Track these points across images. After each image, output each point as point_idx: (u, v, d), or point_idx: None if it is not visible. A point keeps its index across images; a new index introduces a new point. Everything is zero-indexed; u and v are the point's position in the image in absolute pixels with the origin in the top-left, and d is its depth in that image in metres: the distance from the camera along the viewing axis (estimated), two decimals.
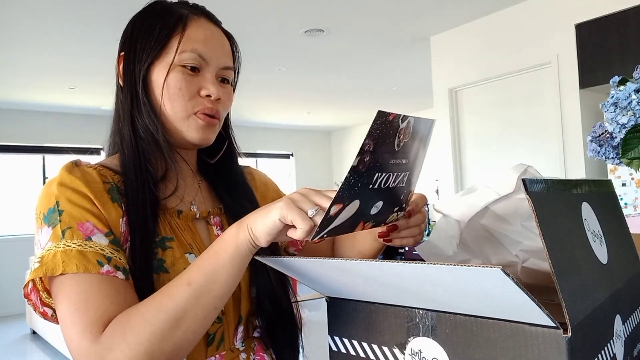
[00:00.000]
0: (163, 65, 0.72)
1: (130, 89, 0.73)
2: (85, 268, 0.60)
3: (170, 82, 0.72)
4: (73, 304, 0.59)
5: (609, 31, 3.02)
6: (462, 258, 0.73)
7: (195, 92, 0.73)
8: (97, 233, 0.63)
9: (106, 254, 0.62)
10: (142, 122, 0.72)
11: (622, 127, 0.85)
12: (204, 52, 0.73)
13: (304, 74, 5.10)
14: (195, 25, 0.74)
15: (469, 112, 3.91)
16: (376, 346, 0.57)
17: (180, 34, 0.72)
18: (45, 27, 3.54)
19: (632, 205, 2.92)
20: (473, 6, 3.54)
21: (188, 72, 0.72)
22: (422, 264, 0.44)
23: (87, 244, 0.62)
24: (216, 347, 0.72)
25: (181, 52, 0.72)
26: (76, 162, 0.71)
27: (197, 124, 0.74)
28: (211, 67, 0.74)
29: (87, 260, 0.60)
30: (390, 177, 0.55)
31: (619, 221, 0.71)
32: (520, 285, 0.40)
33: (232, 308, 0.75)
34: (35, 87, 5.15)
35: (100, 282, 0.60)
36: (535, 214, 0.45)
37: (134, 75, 0.73)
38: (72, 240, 0.61)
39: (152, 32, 0.73)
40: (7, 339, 4.94)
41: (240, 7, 3.34)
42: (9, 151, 6.21)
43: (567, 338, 0.42)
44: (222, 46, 0.76)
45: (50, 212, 0.64)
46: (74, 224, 0.63)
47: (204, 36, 0.74)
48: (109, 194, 0.68)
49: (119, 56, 0.76)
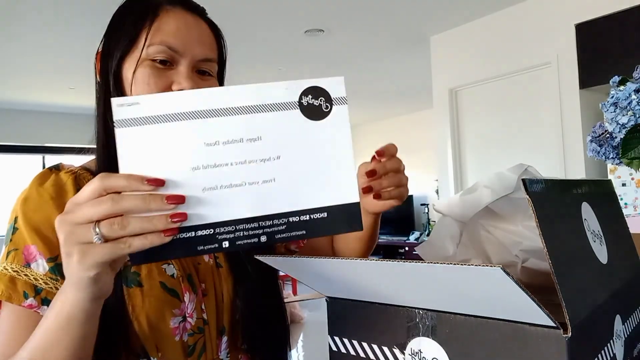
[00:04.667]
0: (132, 60, 0.68)
1: (104, 85, 0.70)
2: (9, 297, 0.59)
3: (139, 77, 0.67)
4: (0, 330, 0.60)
5: (609, 31, 3.02)
6: (462, 258, 0.73)
7: (166, 86, 0.68)
8: (39, 259, 0.61)
9: (38, 285, 0.60)
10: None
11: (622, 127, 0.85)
12: (175, 44, 0.68)
13: (304, 74, 5.10)
14: (167, 15, 0.69)
15: (469, 112, 3.91)
16: (376, 346, 0.57)
17: (149, 25, 0.68)
18: (46, 27, 3.54)
19: (632, 205, 2.92)
20: (473, 6, 3.54)
21: (157, 66, 0.68)
22: (422, 263, 0.44)
23: (23, 271, 0.60)
24: (197, 357, 0.69)
25: (149, 46, 0.67)
26: (57, 166, 0.69)
27: None
28: (185, 59, 0.69)
29: (14, 289, 0.59)
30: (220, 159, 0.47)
31: (619, 221, 0.71)
32: (520, 285, 0.40)
33: (214, 318, 0.71)
34: (35, 87, 5.15)
35: (22, 317, 0.59)
36: (535, 214, 0.45)
37: (107, 71, 0.70)
38: (11, 264, 0.60)
39: (122, 26, 0.69)
40: None
41: (240, 7, 3.33)
42: (9, 151, 6.21)
43: (567, 338, 0.42)
44: (199, 36, 0.71)
45: (9, 229, 0.63)
46: (21, 246, 0.61)
47: (176, 27, 0.69)
48: None
49: (97, 53, 0.73)
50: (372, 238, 0.86)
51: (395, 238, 7.17)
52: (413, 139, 7.51)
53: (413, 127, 7.51)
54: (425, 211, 6.96)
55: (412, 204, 7.12)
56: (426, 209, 6.95)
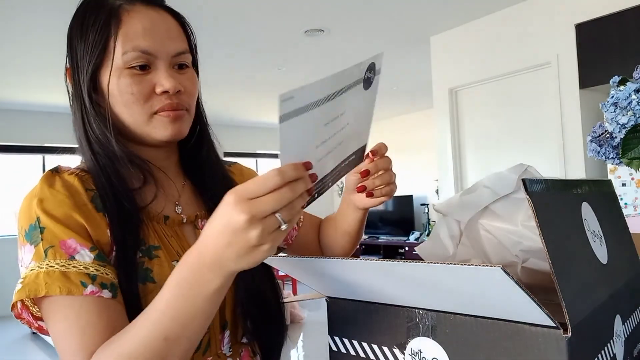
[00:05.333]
0: (108, 71, 0.66)
1: (77, 98, 0.69)
2: (69, 290, 0.58)
3: (122, 88, 0.66)
4: (59, 329, 0.59)
5: (609, 31, 3.02)
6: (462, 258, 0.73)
7: (150, 91, 0.68)
8: (81, 250, 0.61)
9: (91, 273, 0.60)
10: (94, 135, 0.68)
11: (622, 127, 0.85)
12: (148, 47, 0.66)
13: (304, 74, 5.10)
14: (130, 17, 0.67)
15: (469, 112, 3.91)
16: (376, 346, 0.57)
17: (115, 32, 0.66)
18: (46, 27, 3.54)
19: (632, 205, 2.92)
20: (473, 6, 3.54)
21: (137, 73, 0.67)
22: (422, 263, 0.44)
23: (71, 264, 0.59)
24: (202, 353, 0.69)
25: (123, 54, 0.66)
26: (56, 169, 0.68)
27: (162, 122, 0.69)
28: (161, 59, 0.68)
29: (70, 282, 0.58)
30: (328, 134, 0.57)
31: (619, 221, 0.71)
32: (520, 285, 0.40)
33: (217, 314, 0.71)
34: (35, 87, 5.15)
35: (85, 305, 0.58)
36: (535, 214, 0.45)
37: (79, 83, 0.68)
38: (55, 260, 0.59)
39: (86, 36, 0.67)
40: (7, 339, 4.94)
41: (240, 7, 3.34)
42: (9, 151, 6.21)
43: (567, 338, 0.42)
44: (168, 31, 0.69)
45: (31, 229, 0.62)
46: (56, 243, 0.60)
47: (143, 27, 0.66)
48: (93, 203, 0.65)
49: (66, 69, 0.71)
50: (359, 233, 0.89)
51: (395, 238, 7.17)
52: (413, 139, 7.51)
53: (413, 127, 7.51)
54: (425, 211, 6.96)
55: (412, 204, 7.12)
56: (426, 209, 6.95)
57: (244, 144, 8.08)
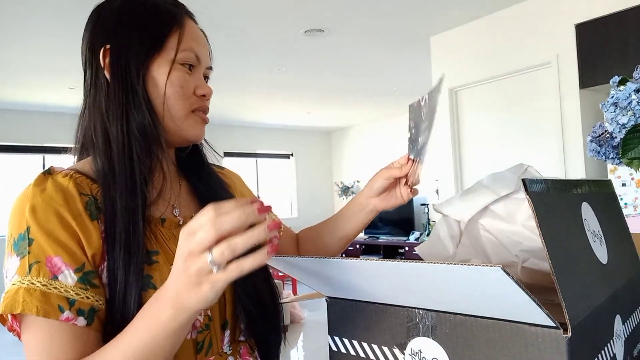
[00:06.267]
0: (164, 63, 0.70)
1: (124, 84, 0.68)
2: (45, 312, 0.57)
3: (174, 81, 0.70)
4: (32, 349, 0.59)
5: (609, 31, 3.02)
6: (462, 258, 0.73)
7: (192, 90, 0.72)
8: (65, 270, 0.59)
9: (70, 297, 0.59)
10: (139, 119, 0.68)
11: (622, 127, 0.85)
12: (198, 52, 0.73)
13: (304, 74, 5.10)
14: (189, 25, 0.74)
15: (469, 112, 3.91)
16: (376, 346, 0.57)
17: (178, 32, 0.71)
18: (46, 27, 3.54)
19: (632, 205, 2.92)
20: (473, 6, 3.54)
21: (187, 71, 0.72)
22: (422, 263, 0.44)
23: (52, 284, 0.58)
24: (205, 353, 0.70)
25: (182, 51, 0.71)
26: (49, 171, 0.66)
27: (196, 121, 0.73)
28: (202, 66, 0.75)
29: (48, 303, 0.57)
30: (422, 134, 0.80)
31: (619, 221, 0.71)
32: (520, 285, 0.40)
33: (217, 313, 0.72)
34: (35, 87, 5.15)
35: (59, 331, 0.58)
36: (535, 214, 0.45)
37: (129, 70, 0.68)
38: (37, 278, 0.58)
39: (147, 28, 0.70)
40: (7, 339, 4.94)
41: (240, 7, 3.33)
42: (9, 151, 6.21)
43: (567, 338, 0.42)
44: (206, 46, 0.77)
45: (20, 239, 0.60)
46: (42, 258, 0.59)
47: (196, 36, 0.74)
48: (87, 210, 0.63)
49: (102, 48, 0.70)
50: (356, 236, 0.95)
51: (395, 238, 7.17)
52: None
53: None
54: (425, 211, 6.96)
55: (412, 204, 7.12)
56: (426, 209, 6.95)
57: (244, 144, 8.08)
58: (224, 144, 7.63)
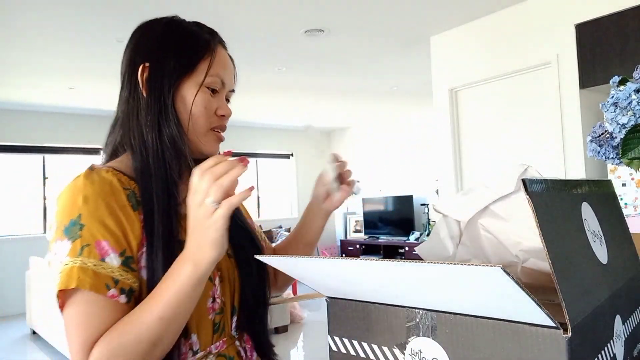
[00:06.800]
0: (193, 84, 0.80)
1: (157, 99, 0.78)
2: (97, 289, 0.66)
3: (199, 101, 0.80)
4: (78, 319, 0.67)
5: (609, 31, 3.02)
6: (462, 258, 0.73)
7: (214, 111, 0.83)
8: (111, 254, 0.69)
9: (115, 277, 0.68)
10: (169, 131, 0.78)
11: (622, 127, 0.85)
12: (224, 77, 0.83)
13: (304, 74, 5.10)
14: (219, 53, 0.83)
15: (469, 112, 3.91)
16: (376, 346, 0.57)
17: (209, 59, 0.81)
18: (46, 27, 3.54)
19: (632, 205, 2.92)
20: (473, 6, 3.54)
21: (210, 94, 0.82)
22: (422, 263, 0.44)
23: (101, 265, 0.68)
24: (220, 334, 0.80)
25: (209, 75, 0.80)
26: (92, 167, 0.75)
27: (213, 139, 0.84)
28: (225, 90, 0.85)
29: (99, 281, 0.67)
30: None
31: (619, 221, 0.71)
32: (520, 285, 0.40)
33: (229, 300, 0.83)
34: (35, 87, 5.15)
35: (104, 305, 0.67)
36: (535, 214, 0.45)
37: (162, 87, 0.78)
38: (88, 259, 0.67)
39: (183, 52, 0.80)
40: (7, 339, 4.94)
41: (240, 7, 3.33)
42: (9, 151, 6.21)
43: (567, 338, 0.42)
44: (232, 71, 0.87)
45: (71, 225, 0.69)
46: (92, 242, 0.68)
47: (224, 63, 0.84)
48: (130, 202, 0.73)
49: (142, 66, 0.79)
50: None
51: (395, 238, 7.17)
52: (413, 139, 7.51)
53: (413, 127, 7.51)
54: (425, 211, 6.96)
55: (412, 204, 7.13)
56: (426, 209, 6.95)
57: (244, 144, 8.08)
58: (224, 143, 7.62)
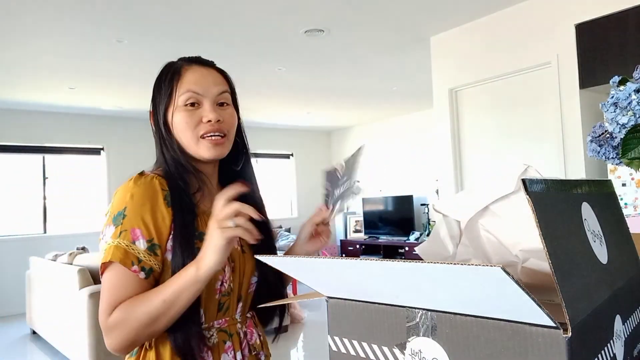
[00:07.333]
0: (172, 110, 0.97)
1: (157, 132, 1.00)
2: (124, 263, 0.87)
3: (178, 120, 0.96)
4: (109, 283, 0.88)
5: (609, 31, 3.02)
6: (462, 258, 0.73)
7: (198, 120, 0.96)
8: (141, 239, 0.89)
9: (140, 257, 0.88)
10: (170, 155, 0.98)
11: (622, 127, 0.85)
12: (197, 89, 0.96)
13: (304, 74, 5.10)
14: (187, 72, 0.97)
15: (469, 112, 3.91)
16: (376, 346, 0.57)
17: (177, 82, 0.96)
18: (46, 27, 3.54)
19: (632, 205, 2.92)
20: (473, 6, 3.54)
21: (189, 109, 0.96)
22: (422, 263, 0.44)
23: (131, 246, 0.88)
24: (223, 313, 0.98)
25: (179, 96, 0.96)
26: (142, 173, 0.95)
27: (206, 145, 0.96)
28: (207, 98, 0.97)
29: (127, 257, 0.87)
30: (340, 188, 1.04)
31: (619, 221, 0.71)
32: (520, 285, 0.40)
33: (236, 287, 1.00)
34: (35, 87, 5.15)
35: (127, 277, 0.87)
36: (535, 214, 0.45)
37: (158, 122, 0.99)
38: (123, 241, 0.88)
39: (161, 88, 0.99)
40: (7, 339, 4.94)
41: (240, 7, 3.33)
42: (9, 151, 6.21)
43: (567, 338, 0.42)
44: (213, 80, 0.99)
45: (119, 214, 0.90)
46: (129, 228, 0.89)
47: (196, 78, 0.97)
48: (165, 201, 0.92)
49: (150, 112, 1.02)
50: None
51: (395, 238, 7.17)
52: (413, 139, 7.51)
53: (413, 127, 7.51)
54: (425, 211, 6.96)
55: (412, 204, 7.13)
56: (426, 209, 6.95)
57: None
58: None
